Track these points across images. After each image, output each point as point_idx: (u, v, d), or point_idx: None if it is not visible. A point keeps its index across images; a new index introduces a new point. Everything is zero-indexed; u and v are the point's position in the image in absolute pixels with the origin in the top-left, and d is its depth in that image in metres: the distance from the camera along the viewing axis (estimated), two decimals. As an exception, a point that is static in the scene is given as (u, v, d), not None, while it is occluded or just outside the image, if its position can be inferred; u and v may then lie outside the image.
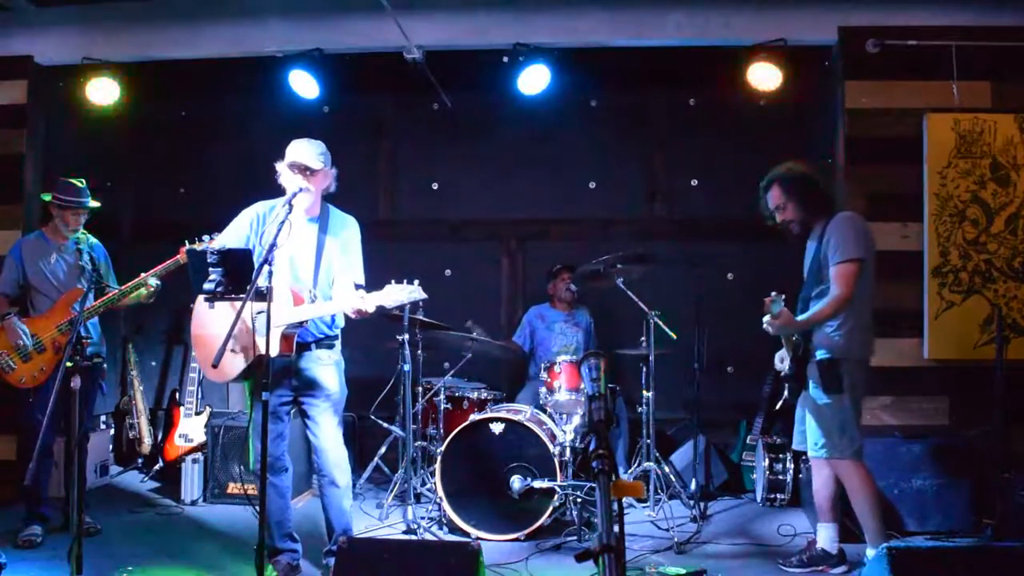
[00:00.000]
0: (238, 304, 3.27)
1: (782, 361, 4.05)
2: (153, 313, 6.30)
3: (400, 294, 3.49)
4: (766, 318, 3.68)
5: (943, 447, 4.64)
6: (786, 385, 4.08)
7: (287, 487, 3.91)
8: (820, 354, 3.81)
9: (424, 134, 6.61)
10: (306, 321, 3.68)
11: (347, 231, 3.92)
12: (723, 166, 6.28)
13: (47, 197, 4.55)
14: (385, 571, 2.98)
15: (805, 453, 4.13)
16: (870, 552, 3.73)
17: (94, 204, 4.59)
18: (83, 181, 4.55)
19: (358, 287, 3.72)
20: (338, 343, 3.96)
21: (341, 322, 3.95)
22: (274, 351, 3.60)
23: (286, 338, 3.63)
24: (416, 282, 3.52)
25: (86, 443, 4.68)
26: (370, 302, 3.52)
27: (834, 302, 3.70)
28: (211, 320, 3.70)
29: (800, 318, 3.77)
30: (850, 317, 3.77)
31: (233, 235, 3.79)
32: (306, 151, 3.72)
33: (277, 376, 3.73)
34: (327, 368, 3.85)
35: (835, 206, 3.99)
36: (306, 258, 3.80)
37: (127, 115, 5.94)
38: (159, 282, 4.47)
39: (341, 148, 3.88)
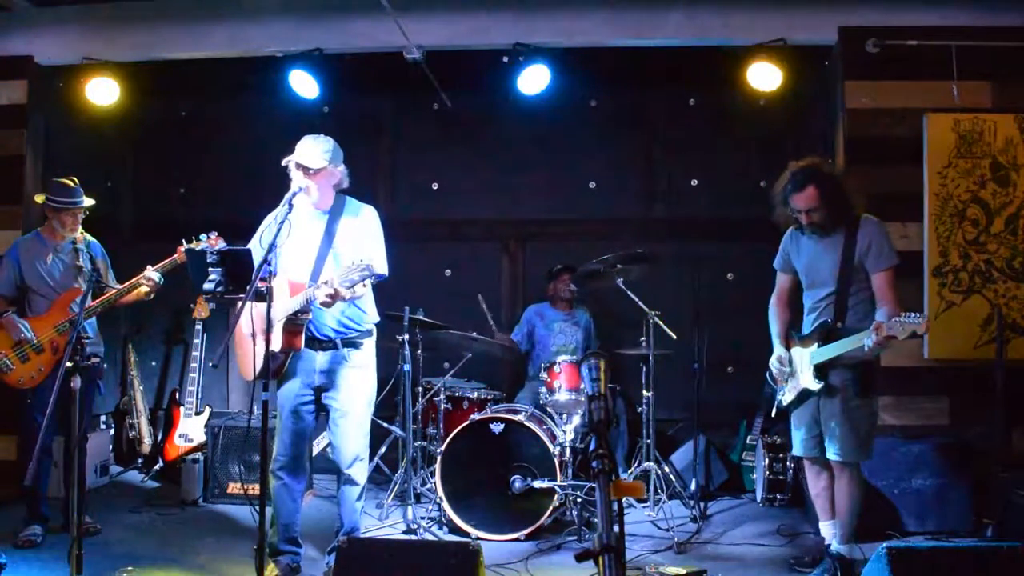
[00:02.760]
0: (260, 306, 3.29)
1: (784, 391, 3.98)
2: (153, 313, 6.31)
3: (351, 273, 3.41)
4: (872, 341, 3.47)
5: (943, 447, 4.64)
6: (779, 400, 4.03)
7: (301, 491, 3.90)
8: (857, 358, 3.70)
9: (424, 134, 6.61)
10: (307, 312, 3.64)
11: (361, 218, 3.87)
12: (723, 166, 6.29)
13: (41, 199, 4.54)
14: (385, 571, 2.98)
15: (806, 457, 4.10)
16: (837, 545, 3.81)
17: (89, 202, 4.55)
18: (75, 180, 4.52)
19: (378, 276, 3.61)
20: (368, 341, 3.90)
21: (372, 317, 3.91)
22: (276, 345, 3.61)
23: (290, 332, 3.62)
24: (370, 258, 3.45)
25: (86, 443, 4.68)
26: (328, 285, 3.45)
27: (898, 308, 3.58)
28: (244, 325, 3.71)
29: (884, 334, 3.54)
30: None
31: (257, 246, 3.79)
32: (309, 150, 3.72)
33: (299, 374, 3.75)
34: (352, 369, 3.81)
35: (854, 209, 3.87)
36: (309, 252, 3.78)
37: (127, 115, 5.94)
38: (161, 277, 4.42)
39: (341, 148, 3.88)
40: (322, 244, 3.79)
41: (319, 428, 4.72)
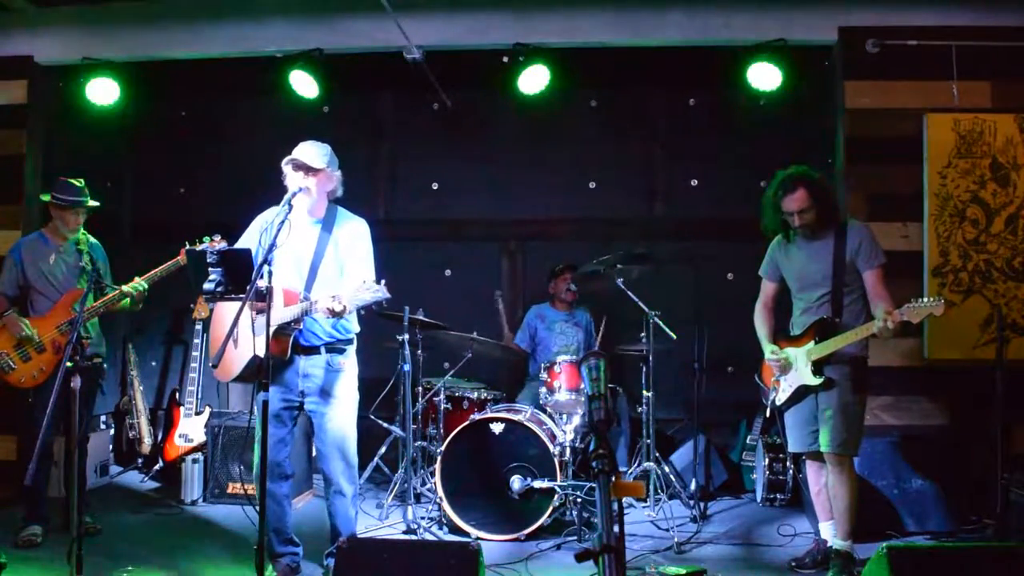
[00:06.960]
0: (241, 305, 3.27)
1: (776, 391, 4.02)
2: (153, 313, 6.31)
3: (364, 293, 3.39)
4: (883, 325, 3.57)
5: (943, 447, 4.64)
6: (773, 399, 4.06)
7: (286, 495, 3.85)
8: (851, 354, 3.81)
9: (424, 134, 6.61)
10: (299, 322, 3.63)
11: (352, 231, 3.86)
12: (723, 166, 6.28)
13: (46, 197, 4.56)
14: (385, 571, 2.98)
15: (803, 454, 4.12)
16: (839, 543, 3.86)
17: (93, 203, 4.59)
18: (82, 181, 4.55)
19: (387, 299, 3.55)
20: (351, 348, 3.88)
21: (355, 327, 3.89)
22: (262, 351, 3.59)
23: (277, 339, 3.59)
24: (383, 282, 3.42)
25: (86, 443, 4.68)
26: (337, 301, 3.42)
27: (892, 302, 3.71)
28: (223, 322, 3.69)
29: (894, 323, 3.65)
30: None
31: (246, 244, 3.79)
32: (309, 150, 3.73)
33: (282, 379, 3.72)
34: (336, 374, 3.79)
35: (840, 213, 4.00)
36: (304, 260, 3.78)
37: (127, 115, 5.94)
38: (145, 286, 4.39)
39: (341, 148, 3.88)
40: (315, 254, 3.77)
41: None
